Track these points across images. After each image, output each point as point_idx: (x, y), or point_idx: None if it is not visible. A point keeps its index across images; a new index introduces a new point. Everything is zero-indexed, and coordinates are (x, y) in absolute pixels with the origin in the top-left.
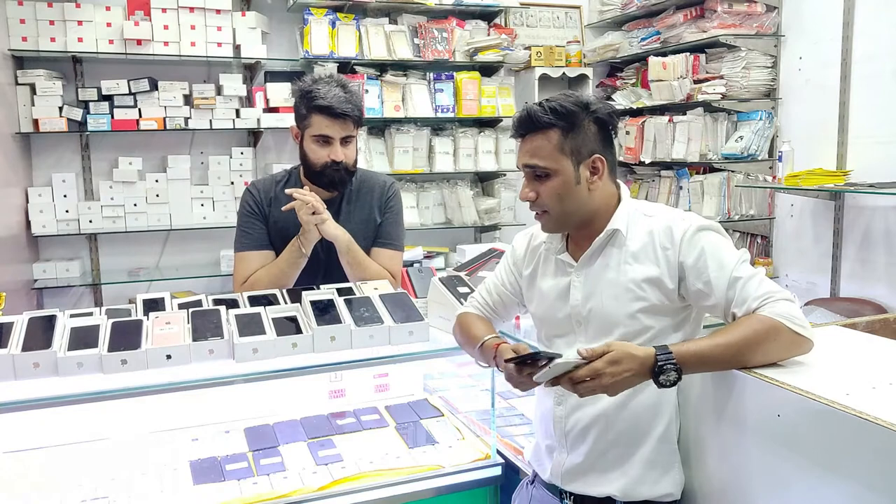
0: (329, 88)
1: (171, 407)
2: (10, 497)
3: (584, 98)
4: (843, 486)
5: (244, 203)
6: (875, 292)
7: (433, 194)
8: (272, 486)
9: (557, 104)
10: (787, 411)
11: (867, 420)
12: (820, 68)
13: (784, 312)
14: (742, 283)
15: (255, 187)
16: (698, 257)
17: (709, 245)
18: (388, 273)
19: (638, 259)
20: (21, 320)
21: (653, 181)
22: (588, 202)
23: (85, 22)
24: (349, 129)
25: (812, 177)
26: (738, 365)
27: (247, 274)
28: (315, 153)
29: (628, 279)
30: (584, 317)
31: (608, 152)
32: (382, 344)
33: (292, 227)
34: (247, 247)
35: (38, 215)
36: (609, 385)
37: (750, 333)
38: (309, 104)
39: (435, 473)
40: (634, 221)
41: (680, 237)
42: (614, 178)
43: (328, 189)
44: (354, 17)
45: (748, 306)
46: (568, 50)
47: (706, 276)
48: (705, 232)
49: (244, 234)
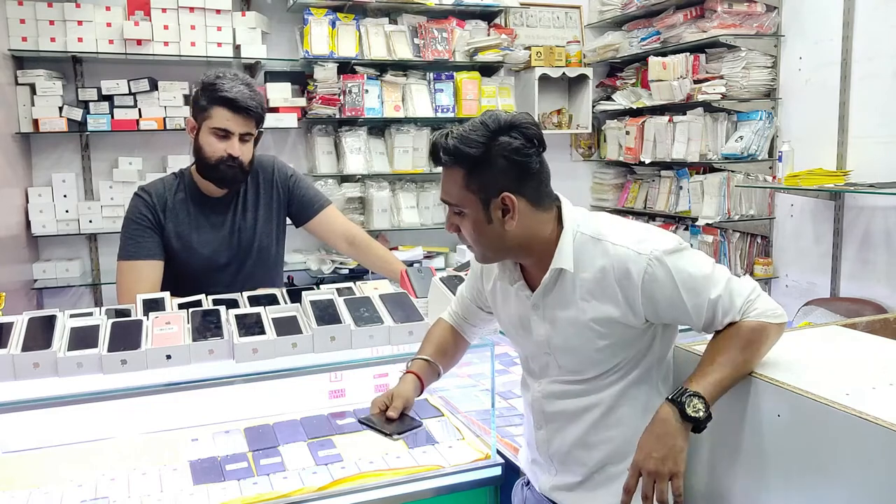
0: (234, 84)
1: (171, 407)
2: (10, 497)
3: (493, 127)
4: (842, 486)
5: (135, 209)
6: (875, 292)
7: (433, 194)
8: (272, 486)
9: (458, 141)
10: (787, 411)
11: (867, 420)
12: (820, 68)
13: (763, 310)
14: (720, 302)
15: (146, 192)
16: (667, 291)
17: (676, 273)
18: (352, 224)
19: (595, 296)
20: (21, 320)
21: (653, 181)
22: (510, 238)
23: (85, 22)
24: (250, 126)
25: (812, 177)
26: (744, 375)
27: (138, 286)
28: (211, 146)
29: (588, 318)
30: (550, 350)
31: (525, 185)
32: (382, 344)
33: (194, 234)
34: (136, 256)
35: (38, 215)
36: (663, 468)
37: (745, 343)
38: (211, 96)
39: (435, 473)
40: (583, 251)
41: (640, 275)
42: (544, 205)
43: (220, 185)
44: (354, 17)
45: (731, 319)
46: (568, 50)
47: (681, 307)
48: (667, 258)
49: (133, 241)
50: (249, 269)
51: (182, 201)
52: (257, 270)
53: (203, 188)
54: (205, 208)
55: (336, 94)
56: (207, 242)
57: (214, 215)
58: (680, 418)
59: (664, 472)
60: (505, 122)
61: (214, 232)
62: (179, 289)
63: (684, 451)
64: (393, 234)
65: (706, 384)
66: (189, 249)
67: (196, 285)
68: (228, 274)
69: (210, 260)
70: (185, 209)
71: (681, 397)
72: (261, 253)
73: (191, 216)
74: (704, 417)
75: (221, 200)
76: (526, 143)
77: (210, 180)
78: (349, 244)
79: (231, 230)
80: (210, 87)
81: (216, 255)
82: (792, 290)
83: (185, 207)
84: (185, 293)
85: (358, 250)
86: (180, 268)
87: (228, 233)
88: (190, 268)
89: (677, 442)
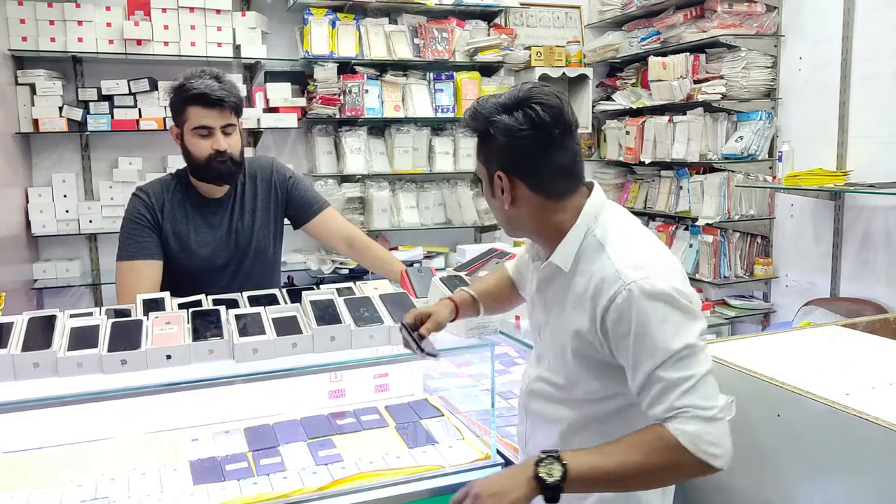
0: (202, 80)
1: (171, 407)
2: (10, 497)
3: (507, 103)
4: (842, 485)
5: (133, 210)
6: (875, 292)
7: (433, 194)
8: (272, 486)
9: (471, 111)
10: (787, 411)
11: (867, 420)
12: (820, 68)
13: (695, 433)
14: (662, 386)
15: (144, 193)
16: (621, 328)
17: (637, 315)
18: (351, 226)
19: (576, 305)
20: (21, 320)
21: (653, 181)
22: (512, 218)
23: (85, 22)
24: (228, 117)
25: (812, 177)
26: (625, 487)
27: (138, 286)
28: (197, 146)
29: (566, 324)
30: (541, 338)
31: (522, 169)
32: (382, 344)
33: (192, 235)
34: (135, 256)
35: (38, 215)
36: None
37: (650, 457)
38: (183, 96)
39: (435, 473)
40: (586, 254)
41: (609, 297)
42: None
43: (217, 182)
44: (354, 17)
45: (656, 413)
46: (568, 50)
47: (624, 352)
48: (642, 297)
49: (132, 241)
50: (247, 270)
51: (180, 202)
52: (255, 271)
53: (200, 189)
54: (203, 209)
55: (336, 94)
56: (206, 243)
57: (212, 216)
58: (532, 475)
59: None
60: (520, 98)
61: (212, 232)
62: (178, 289)
63: (514, 497)
64: (393, 234)
65: (582, 462)
66: (187, 250)
67: (195, 285)
68: (226, 275)
69: (208, 261)
70: (182, 210)
71: (547, 456)
72: (258, 254)
73: (188, 217)
74: (552, 484)
75: (219, 201)
76: (524, 125)
77: (206, 180)
78: (348, 245)
79: (228, 231)
80: (180, 89)
81: (214, 256)
82: (792, 290)
83: (182, 208)
84: (184, 294)
85: (357, 251)
86: (178, 268)
87: (226, 233)
88: (188, 268)
89: (515, 493)
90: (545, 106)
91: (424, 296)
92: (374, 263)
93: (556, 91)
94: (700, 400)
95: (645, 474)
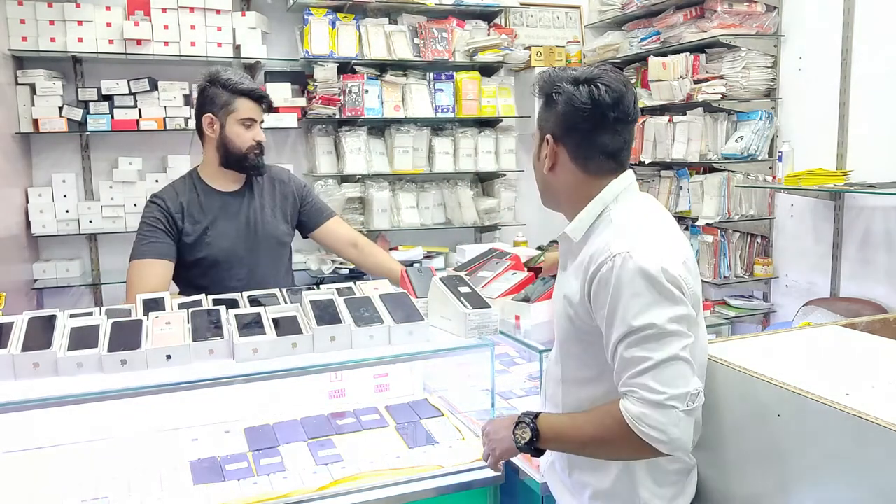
0: (242, 76)
1: (171, 407)
2: (10, 497)
3: (578, 77)
4: (842, 485)
5: (148, 214)
6: (875, 292)
7: (433, 194)
8: (272, 486)
9: (549, 73)
10: (787, 411)
11: (867, 420)
12: (820, 68)
13: (637, 414)
14: (621, 361)
15: (159, 199)
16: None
17: (616, 281)
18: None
19: (576, 275)
20: (21, 320)
21: (653, 181)
22: (546, 182)
23: (85, 22)
24: (264, 113)
25: (812, 177)
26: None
27: (145, 283)
28: (241, 137)
29: (563, 293)
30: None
31: (570, 138)
32: (382, 344)
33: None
34: (146, 255)
35: (38, 215)
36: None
37: (601, 430)
38: (234, 89)
39: (435, 473)
40: (597, 229)
41: (597, 264)
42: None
43: (249, 172)
44: (354, 17)
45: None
46: (568, 50)
47: (602, 325)
48: (624, 265)
49: (144, 241)
50: (265, 265)
51: (196, 201)
52: (271, 264)
53: (215, 184)
54: (219, 202)
55: (336, 94)
56: (225, 234)
57: (229, 207)
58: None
59: (491, 444)
60: (591, 75)
61: (230, 222)
62: (201, 285)
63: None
64: (393, 234)
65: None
66: (210, 245)
67: (217, 279)
68: (246, 268)
69: (230, 252)
70: (198, 207)
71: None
72: (274, 247)
73: (206, 212)
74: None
75: (234, 194)
76: (585, 99)
77: (239, 169)
78: (354, 247)
79: (247, 220)
80: (227, 82)
81: (235, 247)
82: (792, 290)
83: (198, 205)
84: (208, 290)
85: (361, 253)
86: (203, 263)
87: (244, 222)
88: (212, 262)
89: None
90: (610, 88)
91: (424, 296)
92: (376, 265)
93: (627, 80)
94: (653, 383)
95: (597, 444)
